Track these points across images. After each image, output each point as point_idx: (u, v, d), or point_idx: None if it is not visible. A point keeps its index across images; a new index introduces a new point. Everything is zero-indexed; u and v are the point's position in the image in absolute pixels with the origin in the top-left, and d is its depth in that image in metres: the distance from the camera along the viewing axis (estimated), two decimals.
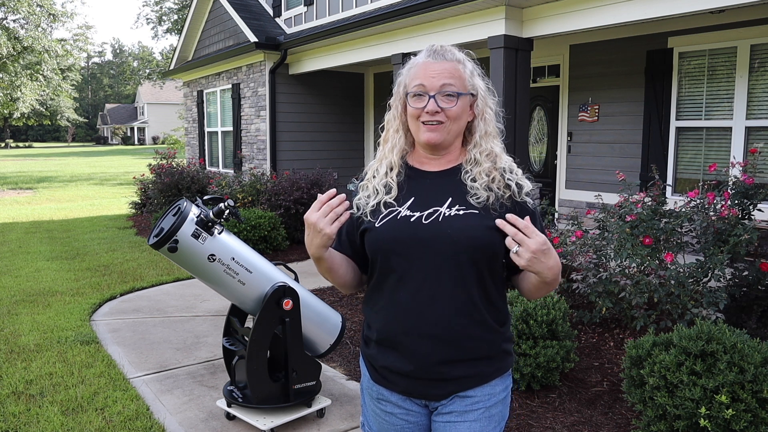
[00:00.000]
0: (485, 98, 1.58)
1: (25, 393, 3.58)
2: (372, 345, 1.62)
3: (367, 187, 1.61)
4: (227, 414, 3.27)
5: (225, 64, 11.41)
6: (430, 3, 6.56)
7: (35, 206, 13.31)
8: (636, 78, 7.22)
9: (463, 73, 1.53)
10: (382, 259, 1.53)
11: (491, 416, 1.56)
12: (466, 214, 1.49)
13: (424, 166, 1.60)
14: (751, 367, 2.52)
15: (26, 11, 35.11)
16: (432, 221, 1.49)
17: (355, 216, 1.60)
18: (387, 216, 1.53)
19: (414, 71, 1.54)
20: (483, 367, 1.54)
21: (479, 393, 1.55)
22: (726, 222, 4.01)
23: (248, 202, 8.58)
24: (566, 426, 3.16)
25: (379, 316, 1.57)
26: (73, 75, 49.89)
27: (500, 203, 1.52)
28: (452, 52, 1.54)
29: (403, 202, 1.55)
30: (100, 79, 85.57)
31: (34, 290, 5.96)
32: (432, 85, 1.49)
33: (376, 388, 1.62)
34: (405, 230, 1.50)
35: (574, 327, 4.46)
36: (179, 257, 2.81)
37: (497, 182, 1.53)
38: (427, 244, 1.48)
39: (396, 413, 1.60)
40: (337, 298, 5.57)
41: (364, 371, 1.67)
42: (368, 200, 1.58)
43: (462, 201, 1.52)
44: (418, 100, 1.51)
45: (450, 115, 1.50)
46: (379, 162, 1.63)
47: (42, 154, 41.70)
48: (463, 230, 1.48)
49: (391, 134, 1.62)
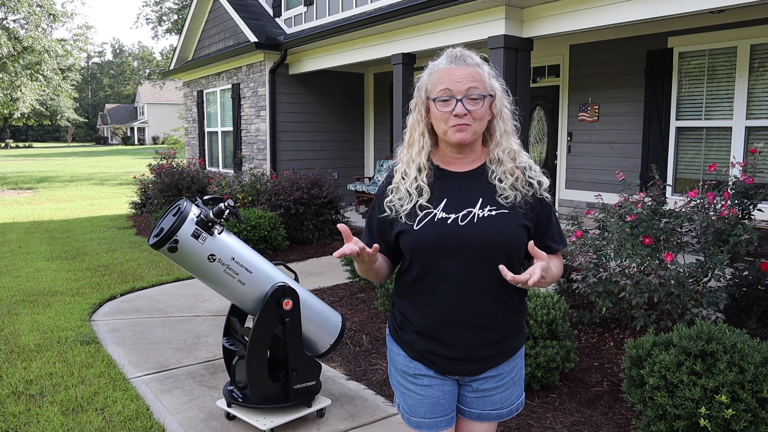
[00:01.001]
0: (502, 98, 1.68)
1: (25, 393, 3.58)
2: (410, 332, 1.74)
3: (399, 189, 1.69)
4: (227, 414, 3.27)
5: (225, 64, 11.42)
6: (430, 3, 6.57)
7: (35, 206, 13.32)
8: (636, 78, 7.22)
9: (483, 76, 1.62)
10: (423, 260, 1.65)
11: (515, 382, 1.81)
12: (499, 215, 1.63)
13: (450, 166, 1.70)
14: (751, 367, 2.52)
15: (26, 11, 35.13)
16: (468, 222, 1.62)
17: (389, 217, 1.70)
18: (424, 219, 1.64)
19: (437, 76, 1.63)
20: (510, 344, 1.74)
21: (506, 368, 1.76)
22: (726, 222, 4.01)
23: (248, 202, 8.58)
24: (566, 426, 3.16)
25: (420, 310, 1.70)
26: (73, 75, 49.92)
27: (525, 200, 1.66)
28: (472, 57, 1.63)
29: (437, 203, 1.65)
30: (100, 79, 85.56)
31: (34, 290, 5.96)
32: (458, 89, 1.58)
33: (414, 365, 1.75)
34: (444, 232, 1.62)
35: (574, 327, 4.46)
36: (179, 257, 2.81)
37: (520, 181, 1.66)
38: (466, 244, 1.61)
39: (433, 385, 1.74)
40: (337, 298, 5.57)
41: (398, 352, 1.79)
42: (402, 203, 1.67)
43: (492, 201, 1.64)
44: (445, 104, 1.60)
45: (476, 117, 1.60)
46: (407, 165, 1.71)
47: (42, 154, 41.70)
48: (499, 230, 1.61)
49: (417, 138, 1.70)
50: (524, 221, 1.65)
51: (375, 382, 3.76)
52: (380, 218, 1.73)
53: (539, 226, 1.70)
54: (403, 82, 7.64)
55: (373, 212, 1.78)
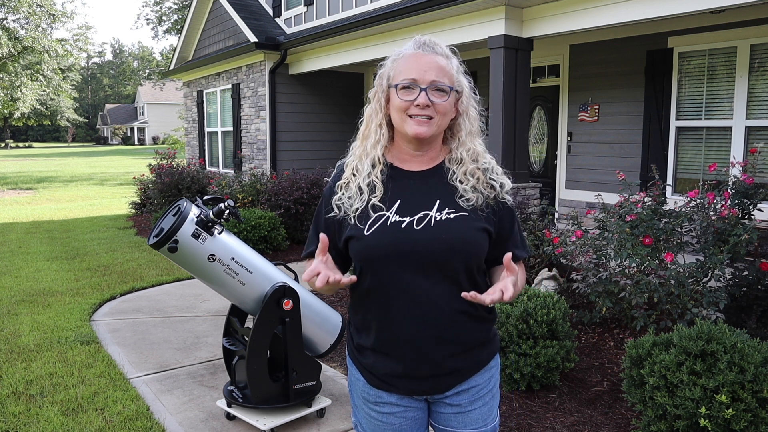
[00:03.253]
0: (469, 96, 1.55)
1: (25, 393, 3.58)
2: (368, 353, 1.58)
3: (349, 186, 1.53)
4: (227, 414, 3.27)
5: (225, 64, 11.41)
6: (430, 3, 6.57)
7: (35, 206, 13.32)
8: (636, 78, 7.22)
9: (451, 69, 1.49)
10: (375, 269, 1.49)
11: (494, 394, 1.64)
12: (457, 218, 1.48)
13: (406, 164, 1.55)
14: (751, 367, 2.52)
15: (26, 11, 35.13)
16: (424, 227, 1.46)
17: (336, 217, 1.54)
18: (375, 223, 1.48)
19: (402, 63, 1.49)
20: (479, 354, 1.59)
21: (480, 380, 1.60)
22: (726, 222, 4.01)
23: (248, 202, 8.58)
24: (566, 426, 3.16)
25: (375, 325, 1.54)
26: (73, 75, 49.89)
27: (486, 203, 1.52)
28: (441, 46, 1.50)
29: (389, 205, 1.50)
30: (100, 79, 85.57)
31: (34, 290, 5.96)
32: (423, 78, 1.44)
33: (374, 392, 1.60)
34: (397, 238, 1.46)
35: (574, 327, 4.46)
36: (179, 257, 2.81)
37: (482, 182, 1.53)
38: (422, 251, 1.45)
39: (394, 412, 1.60)
40: (337, 298, 5.57)
41: (358, 376, 1.64)
42: (351, 201, 1.51)
43: (450, 203, 1.50)
44: (407, 92, 1.46)
45: (439, 110, 1.46)
46: (359, 159, 1.55)
47: (42, 154, 41.69)
48: (458, 235, 1.47)
49: (373, 129, 1.55)
50: (485, 225, 1.50)
51: None
52: (327, 218, 1.56)
53: (501, 231, 1.55)
54: None
55: (319, 212, 1.60)
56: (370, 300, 1.53)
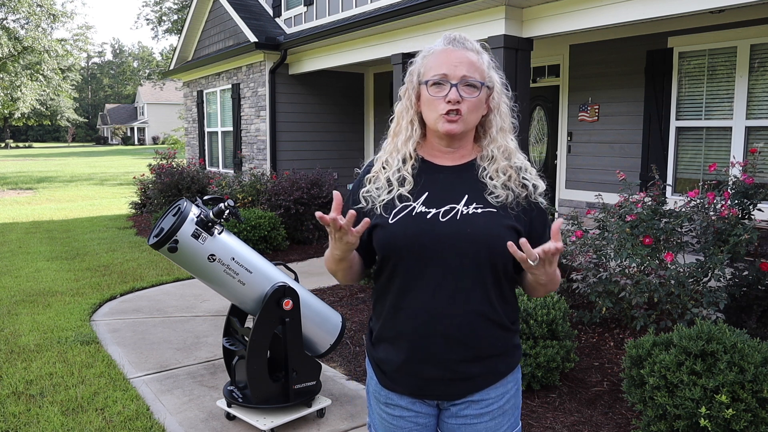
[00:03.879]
0: (501, 92, 1.53)
1: (25, 393, 3.58)
2: (382, 345, 1.56)
3: (378, 178, 1.53)
4: (227, 414, 3.27)
5: (225, 64, 11.42)
6: (430, 3, 6.57)
7: (35, 206, 13.31)
8: (636, 78, 7.22)
9: (482, 65, 1.48)
10: (396, 258, 1.47)
11: (505, 411, 1.56)
12: (485, 213, 1.45)
13: (437, 159, 1.54)
14: (751, 367, 2.52)
15: (26, 11, 35.14)
16: (450, 219, 1.44)
17: (364, 209, 1.53)
18: (401, 212, 1.47)
19: (432, 59, 1.48)
20: (497, 364, 1.52)
21: (493, 394, 1.53)
22: (726, 222, 4.01)
23: (248, 202, 8.58)
24: (566, 426, 3.16)
25: (390, 316, 1.52)
26: (73, 75, 49.90)
27: (516, 202, 1.49)
28: (471, 42, 1.50)
29: (417, 197, 1.49)
30: (100, 79, 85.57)
31: (34, 290, 5.96)
32: (454, 74, 1.43)
33: (385, 393, 1.58)
34: (421, 228, 1.44)
35: (574, 327, 4.46)
36: (179, 257, 2.81)
37: (513, 180, 1.50)
38: (445, 243, 1.43)
39: (405, 416, 1.57)
40: (337, 298, 5.57)
41: (371, 375, 1.63)
42: (379, 192, 1.51)
43: (479, 199, 1.47)
44: (438, 88, 1.45)
45: (470, 106, 1.45)
46: (390, 154, 1.55)
47: (42, 154, 41.69)
48: (484, 230, 1.43)
49: (404, 126, 1.55)
50: (514, 223, 1.46)
51: None
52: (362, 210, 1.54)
53: (533, 232, 1.51)
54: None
55: (346, 205, 1.58)
56: (389, 289, 1.52)
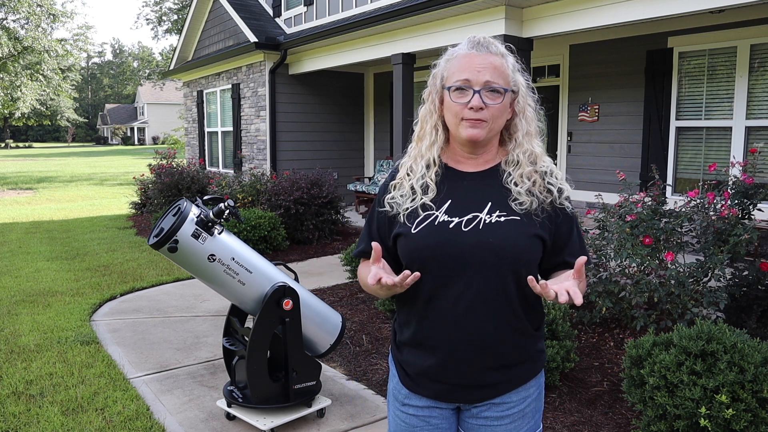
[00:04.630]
0: (526, 95, 1.50)
1: (25, 393, 3.58)
2: (404, 349, 1.57)
3: (402, 185, 1.52)
4: (227, 414, 3.27)
5: (225, 64, 11.42)
6: (430, 3, 6.57)
7: (35, 206, 13.32)
8: (636, 78, 7.22)
9: (507, 69, 1.45)
10: (418, 268, 1.45)
11: (525, 414, 1.55)
12: (508, 222, 1.43)
13: (461, 165, 1.52)
14: (751, 367, 2.52)
15: (26, 11, 35.12)
16: (472, 228, 1.43)
17: (388, 215, 1.53)
18: (423, 221, 1.46)
19: (455, 63, 1.45)
20: (519, 371, 1.52)
21: (514, 398, 1.53)
22: (726, 222, 4.01)
23: (248, 202, 8.58)
24: (566, 426, 3.16)
25: (412, 321, 1.53)
26: (73, 75, 49.88)
27: (542, 208, 1.46)
28: (495, 45, 1.46)
29: (440, 205, 1.47)
30: (100, 79, 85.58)
31: (34, 290, 5.96)
32: (477, 80, 1.40)
33: (405, 392, 1.58)
34: (444, 238, 1.43)
35: (574, 327, 4.46)
36: (179, 257, 2.81)
37: (538, 186, 1.47)
38: (468, 252, 1.42)
39: (419, 415, 1.57)
40: (337, 298, 5.57)
41: (393, 372, 1.63)
42: (403, 200, 1.50)
43: (502, 206, 1.45)
44: (460, 94, 1.42)
45: (493, 113, 1.43)
46: (414, 160, 1.53)
47: (42, 154, 41.69)
48: (506, 239, 1.41)
49: (428, 130, 1.52)
50: (539, 231, 1.44)
51: (375, 382, 3.76)
52: (380, 212, 1.55)
53: (558, 239, 1.48)
54: (403, 82, 7.64)
55: (373, 210, 1.60)
56: (414, 297, 1.50)
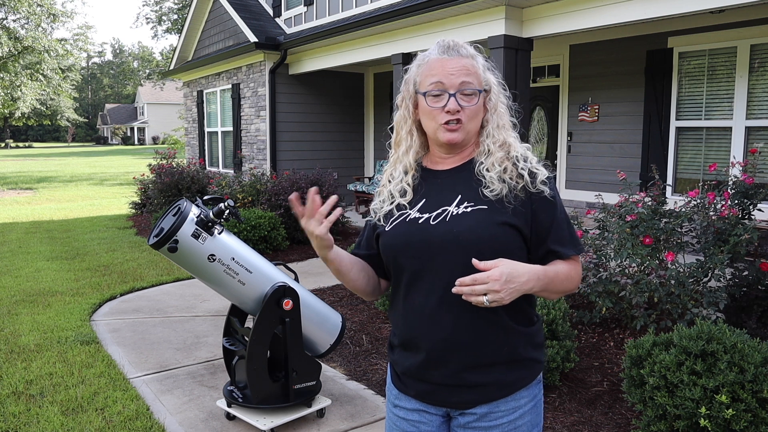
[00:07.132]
0: (498, 93, 1.52)
1: (25, 393, 3.58)
2: (395, 349, 1.60)
3: (383, 192, 1.59)
4: (227, 414, 3.27)
5: (225, 64, 11.42)
6: (430, 3, 6.57)
7: (35, 206, 13.32)
8: (636, 78, 7.22)
9: (478, 69, 1.48)
10: (393, 263, 1.52)
11: (517, 427, 1.50)
12: (474, 211, 1.43)
13: (437, 165, 1.56)
14: (751, 367, 2.52)
15: (26, 11, 35.09)
16: (440, 221, 1.45)
17: (371, 221, 1.60)
18: (397, 219, 1.52)
19: (427, 67, 1.48)
20: (502, 373, 1.47)
21: (503, 407, 1.48)
22: (726, 222, 4.01)
23: (248, 202, 8.58)
24: (566, 426, 3.16)
25: (397, 320, 1.56)
26: (73, 75, 49.85)
27: (514, 195, 1.44)
28: (466, 48, 1.49)
29: (414, 204, 1.52)
30: (100, 79, 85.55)
31: (34, 290, 5.96)
32: (451, 83, 1.43)
33: (395, 392, 1.61)
34: (412, 233, 1.47)
35: (574, 327, 4.46)
36: (179, 257, 2.81)
37: (509, 172, 1.46)
38: (435, 245, 1.44)
39: (409, 419, 1.57)
40: (337, 298, 5.57)
41: (388, 374, 1.67)
42: (383, 205, 1.57)
43: (471, 197, 1.46)
44: (436, 99, 1.45)
45: (469, 114, 1.46)
46: (393, 166, 1.58)
47: (42, 154, 41.69)
48: (471, 228, 1.41)
49: (404, 136, 1.56)
50: (509, 219, 1.42)
51: (375, 382, 3.76)
52: (368, 221, 1.64)
53: (538, 226, 1.45)
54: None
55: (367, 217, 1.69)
56: (396, 296, 1.56)
